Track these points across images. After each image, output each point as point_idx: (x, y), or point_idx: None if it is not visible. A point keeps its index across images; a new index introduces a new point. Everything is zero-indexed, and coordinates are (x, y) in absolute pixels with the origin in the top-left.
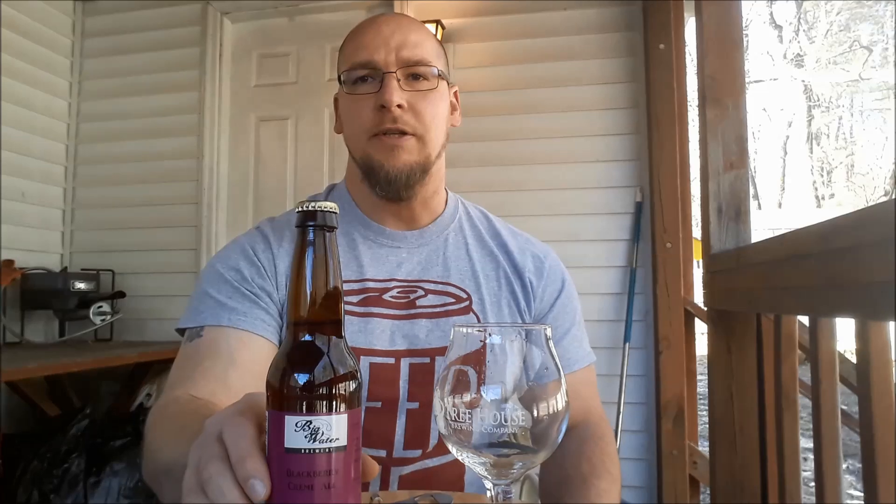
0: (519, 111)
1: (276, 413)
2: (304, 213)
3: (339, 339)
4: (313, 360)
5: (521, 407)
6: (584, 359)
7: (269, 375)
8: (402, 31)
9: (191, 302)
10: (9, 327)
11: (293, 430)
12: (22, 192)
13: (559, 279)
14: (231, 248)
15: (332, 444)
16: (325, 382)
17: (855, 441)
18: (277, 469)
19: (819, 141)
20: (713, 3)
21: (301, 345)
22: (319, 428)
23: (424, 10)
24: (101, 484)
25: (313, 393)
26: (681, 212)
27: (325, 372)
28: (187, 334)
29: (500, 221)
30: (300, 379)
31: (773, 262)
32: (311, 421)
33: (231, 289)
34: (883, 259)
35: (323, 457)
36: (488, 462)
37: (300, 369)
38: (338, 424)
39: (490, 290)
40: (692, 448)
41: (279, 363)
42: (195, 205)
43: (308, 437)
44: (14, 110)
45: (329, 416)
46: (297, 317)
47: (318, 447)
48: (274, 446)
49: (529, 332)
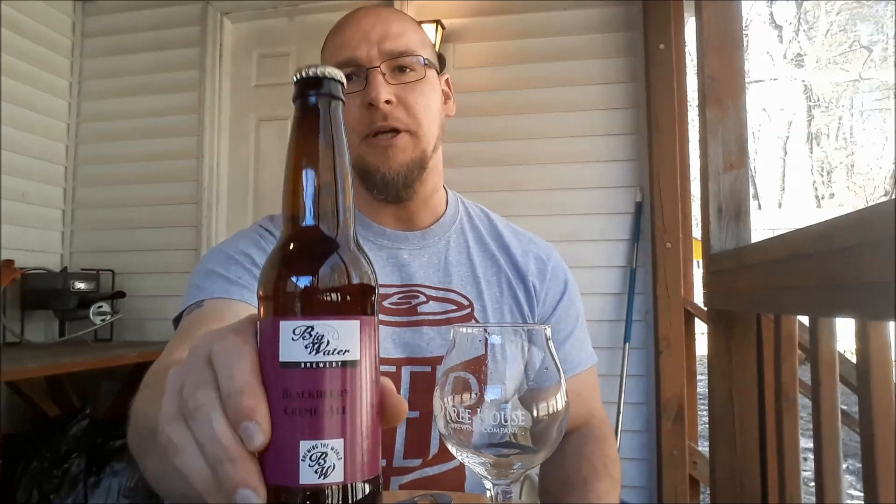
0: (519, 111)
1: (269, 320)
2: (304, 81)
3: (349, 229)
4: (315, 249)
5: (522, 407)
6: (586, 361)
7: (261, 275)
8: (383, 22)
9: (191, 285)
10: (9, 327)
11: (290, 338)
12: (22, 193)
13: (562, 281)
14: (235, 238)
15: (340, 356)
16: (329, 276)
17: (855, 441)
18: (271, 391)
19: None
20: (713, 3)
21: (300, 233)
22: (323, 335)
23: (424, 10)
24: (101, 484)
25: (315, 289)
26: (681, 212)
27: (330, 264)
28: (185, 314)
29: (501, 220)
30: (298, 271)
31: (773, 262)
32: (313, 326)
33: (242, 270)
34: (883, 259)
35: (328, 372)
36: (488, 462)
37: (298, 259)
38: (347, 332)
39: (492, 297)
40: (692, 448)
41: (272, 257)
42: (195, 205)
43: (309, 347)
44: (14, 110)
45: (335, 319)
46: (295, 206)
47: (323, 360)
48: (267, 362)
49: (530, 333)
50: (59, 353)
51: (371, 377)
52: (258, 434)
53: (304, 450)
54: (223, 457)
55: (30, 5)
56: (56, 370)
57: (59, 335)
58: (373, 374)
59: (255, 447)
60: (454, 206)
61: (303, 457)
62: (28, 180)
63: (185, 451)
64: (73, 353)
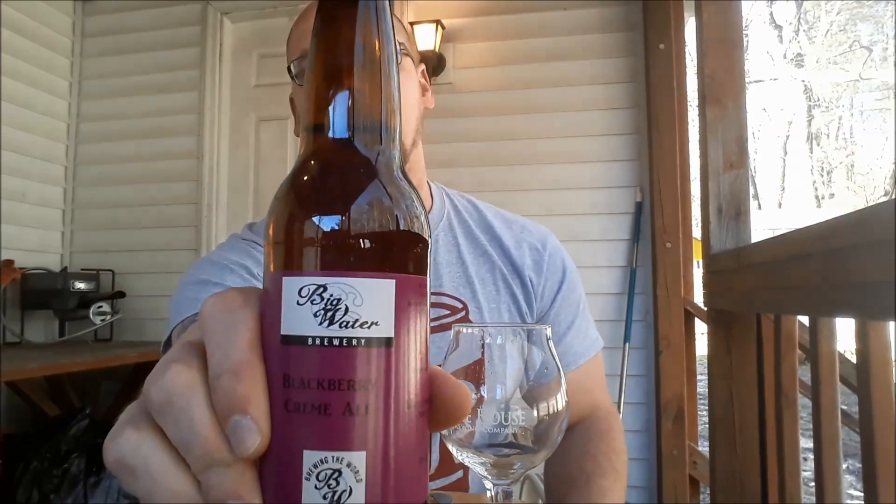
0: (519, 111)
1: (272, 276)
2: None
3: (392, 149)
4: (340, 171)
5: (522, 407)
6: (589, 349)
7: (267, 214)
8: None
9: (181, 299)
10: (9, 327)
11: (294, 301)
12: (22, 193)
13: (560, 269)
14: (222, 251)
15: (364, 331)
16: (358, 214)
17: (855, 441)
18: (269, 376)
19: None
20: (713, 3)
21: (324, 148)
22: (340, 299)
23: (424, 10)
24: (101, 484)
25: (333, 231)
26: (681, 212)
27: (360, 194)
28: (178, 330)
29: (491, 209)
30: (311, 203)
31: (773, 262)
32: (325, 286)
33: (240, 279)
34: (883, 259)
35: (346, 353)
36: (488, 462)
37: (314, 186)
38: (375, 295)
39: (487, 296)
40: (692, 448)
41: (283, 184)
42: (195, 205)
43: (320, 316)
44: (14, 110)
45: (358, 276)
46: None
47: (339, 335)
48: (266, 335)
49: (530, 333)
50: (59, 353)
51: (414, 363)
52: (251, 434)
53: (308, 464)
54: (208, 460)
55: (30, 5)
56: (56, 370)
57: (59, 335)
58: (417, 360)
59: (247, 453)
60: (440, 201)
61: (307, 474)
62: (28, 180)
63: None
64: (73, 353)
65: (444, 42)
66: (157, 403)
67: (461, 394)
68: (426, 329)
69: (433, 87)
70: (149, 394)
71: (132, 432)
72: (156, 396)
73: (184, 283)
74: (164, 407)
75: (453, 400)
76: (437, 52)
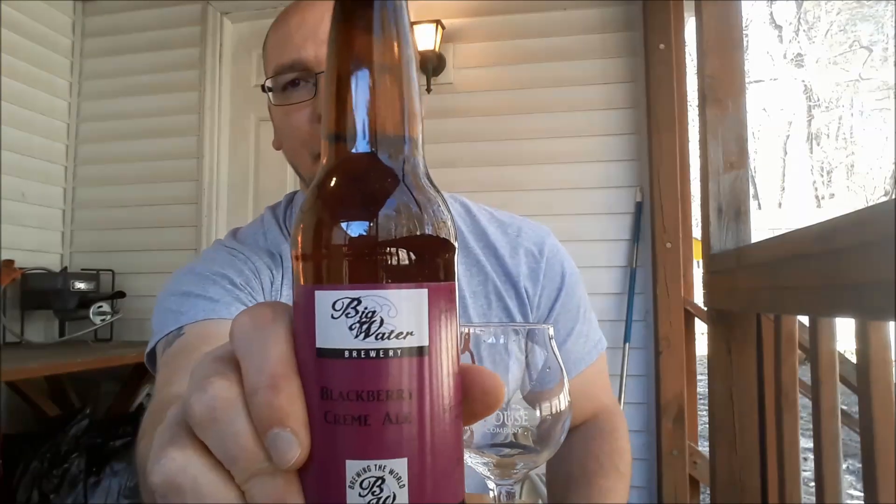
0: (519, 111)
1: (302, 290)
2: None
3: (417, 157)
4: (367, 183)
5: (523, 407)
6: (590, 353)
7: (294, 225)
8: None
9: (163, 311)
10: (9, 327)
11: (329, 315)
12: (22, 192)
13: (558, 275)
14: (205, 260)
15: (400, 341)
16: (387, 225)
17: (855, 441)
18: (306, 389)
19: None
20: (713, 3)
21: (347, 161)
22: (375, 311)
23: (424, 10)
24: (101, 484)
25: (364, 244)
26: (681, 212)
27: (388, 206)
28: (162, 345)
29: (484, 212)
30: (339, 216)
31: (773, 262)
32: (360, 299)
33: (222, 290)
34: (883, 259)
35: (383, 365)
36: (491, 462)
37: (340, 199)
38: (410, 306)
39: (478, 311)
40: (692, 448)
41: (308, 198)
42: (195, 205)
43: (356, 329)
44: (14, 110)
45: (393, 288)
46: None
47: (375, 347)
48: (301, 349)
49: (531, 332)
50: (59, 353)
51: (448, 369)
52: (291, 446)
53: (351, 473)
54: (253, 471)
55: (30, 5)
56: (56, 370)
57: (59, 335)
58: (450, 365)
59: (288, 465)
60: None
61: (350, 483)
62: (28, 180)
63: (197, 484)
64: (73, 353)
65: (444, 42)
66: (200, 419)
67: (496, 385)
68: (457, 334)
69: (433, 88)
70: (191, 409)
71: (176, 452)
72: (199, 412)
73: (165, 294)
74: (208, 423)
75: (488, 391)
76: (437, 52)
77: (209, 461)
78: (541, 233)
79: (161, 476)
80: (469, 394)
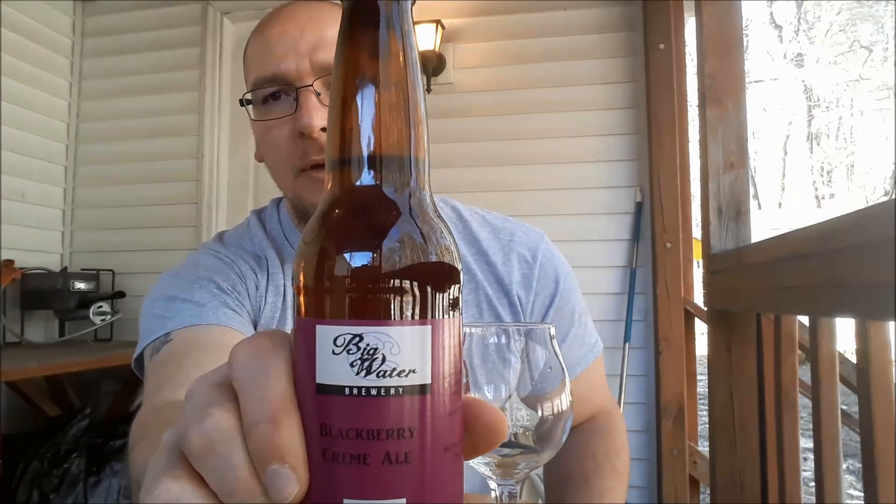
0: (519, 111)
1: (303, 323)
2: None
3: (423, 190)
4: (371, 216)
5: (525, 407)
6: (586, 356)
7: (296, 258)
8: (314, 26)
9: (149, 317)
10: (9, 327)
11: (330, 351)
12: (22, 192)
13: (551, 281)
14: (190, 265)
15: (402, 379)
16: (389, 258)
17: (855, 441)
18: (305, 425)
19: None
20: (713, 3)
21: (351, 193)
22: (377, 349)
23: (424, 10)
24: (101, 484)
25: (365, 279)
26: (681, 212)
27: (391, 238)
28: (149, 351)
29: (477, 217)
30: (341, 249)
31: (773, 262)
32: (362, 335)
33: (208, 294)
34: (883, 259)
35: (384, 403)
36: (492, 462)
37: (343, 232)
38: (412, 343)
39: (469, 321)
40: (692, 448)
41: (309, 229)
42: (195, 205)
43: (357, 366)
44: (14, 110)
45: (395, 325)
46: (344, 150)
47: (376, 385)
48: (301, 383)
49: (532, 332)
50: (59, 353)
51: (450, 406)
52: (289, 483)
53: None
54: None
55: (30, 5)
56: (56, 370)
57: (59, 335)
58: (452, 402)
59: (285, 501)
60: None
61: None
62: (28, 180)
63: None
64: (73, 353)
65: (444, 42)
66: (197, 450)
67: (497, 419)
68: (460, 368)
69: (433, 88)
70: (188, 440)
71: (171, 482)
72: (197, 443)
73: (151, 299)
74: (205, 454)
75: (490, 426)
76: (437, 52)
77: (204, 492)
78: (534, 237)
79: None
80: (471, 428)
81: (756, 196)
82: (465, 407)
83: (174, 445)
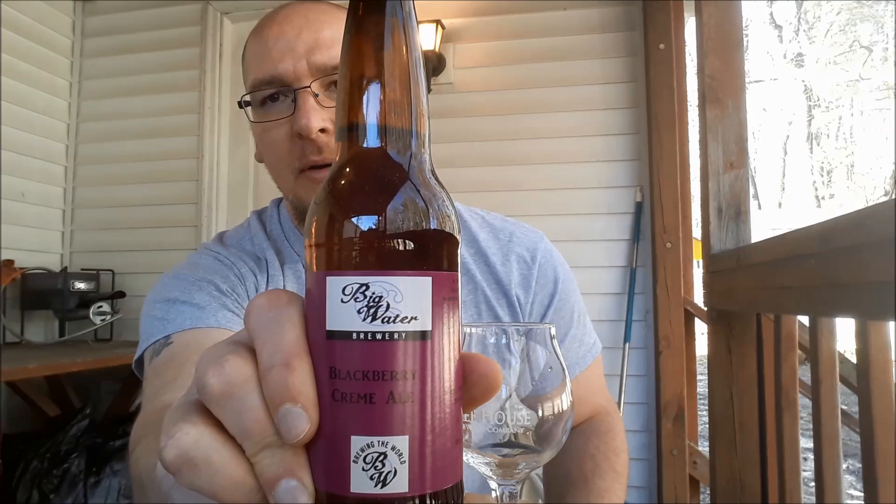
0: (519, 111)
1: (314, 276)
2: None
3: (423, 153)
4: (377, 177)
5: (525, 407)
6: (585, 357)
7: (308, 216)
8: (312, 27)
9: (149, 318)
10: (9, 327)
11: (339, 299)
12: (22, 192)
13: (550, 282)
14: (190, 266)
15: (405, 325)
16: (394, 216)
17: (855, 441)
18: (316, 369)
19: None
20: (713, 3)
21: (358, 156)
22: (382, 297)
23: (424, 10)
24: (101, 484)
25: (372, 233)
26: (681, 212)
27: (396, 198)
28: (149, 353)
29: (477, 217)
30: (350, 208)
31: (773, 262)
32: (368, 284)
33: (208, 296)
34: (883, 259)
35: (388, 347)
36: (493, 462)
37: (352, 191)
38: (414, 292)
39: (468, 321)
40: (692, 448)
41: (321, 190)
42: (195, 205)
43: (363, 313)
44: (14, 110)
45: (399, 275)
46: (352, 118)
47: (381, 330)
48: (312, 331)
49: (532, 332)
50: (59, 353)
51: (449, 353)
52: (301, 421)
53: (356, 448)
54: (264, 444)
55: (30, 5)
56: (56, 370)
57: (59, 335)
58: (451, 350)
59: (297, 439)
60: None
61: (354, 457)
62: (28, 180)
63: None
64: (73, 353)
65: (444, 42)
66: (216, 394)
67: (493, 369)
68: (459, 322)
69: (433, 88)
70: (207, 384)
71: (189, 427)
72: (215, 387)
73: (150, 301)
74: (224, 398)
75: (486, 375)
76: (437, 52)
77: (221, 436)
78: (533, 238)
79: (174, 450)
80: (468, 379)
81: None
82: (463, 360)
83: (190, 398)
